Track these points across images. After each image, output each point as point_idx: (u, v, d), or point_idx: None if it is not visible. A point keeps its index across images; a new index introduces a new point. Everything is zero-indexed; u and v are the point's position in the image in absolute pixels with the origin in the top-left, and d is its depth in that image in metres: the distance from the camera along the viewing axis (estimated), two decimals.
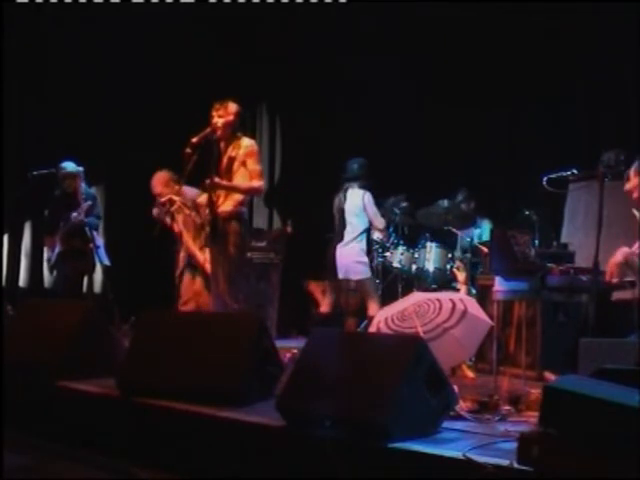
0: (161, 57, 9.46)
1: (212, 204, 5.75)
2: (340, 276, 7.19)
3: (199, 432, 4.21)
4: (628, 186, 4.97)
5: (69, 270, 7.64)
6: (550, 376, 5.22)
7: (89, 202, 7.44)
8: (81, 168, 7.56)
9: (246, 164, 5.79)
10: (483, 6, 7.82)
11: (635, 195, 4.92)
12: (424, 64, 8.50)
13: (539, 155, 7.73)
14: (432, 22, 8.28)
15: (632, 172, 4.95)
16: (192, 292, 6.68)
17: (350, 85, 8.98)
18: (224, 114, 5.82)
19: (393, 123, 8.59)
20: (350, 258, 7.14)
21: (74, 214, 7.38)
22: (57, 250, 7.59)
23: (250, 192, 6.03)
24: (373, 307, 7.05)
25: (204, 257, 6.41)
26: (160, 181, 6.89)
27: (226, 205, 5.77)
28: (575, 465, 2.82)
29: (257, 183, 5.84)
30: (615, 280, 4.88)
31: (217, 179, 5.73)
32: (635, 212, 5.04)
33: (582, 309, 5.43)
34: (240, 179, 5.79)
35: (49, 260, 7.81)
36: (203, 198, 5.95)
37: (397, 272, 7.24)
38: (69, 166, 7.58)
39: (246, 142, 5.87)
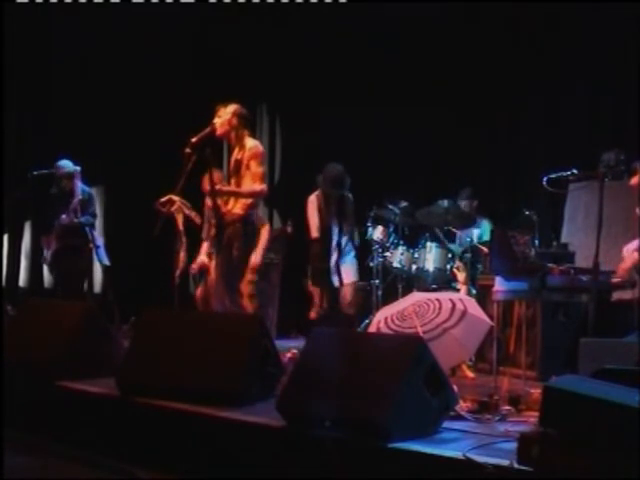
0: (161, 57, 9.45)
1: (217, 208, 5.75)
2: (334, 280, 7.17)
3: (199, 432, 4.21)
4: (634, 180, 4.95)
5: (64, 268, 7.63)
6: None
7: (79, 197, 7.40)
8: (78, 167, 7.54)
9: (250, 167, 5.78)
10: (483, 5, 7.83)
11: None
12: (424, 63, 8.50)
13: (539, 155, 7.73)
14: (431, 21, 8.28)
15: (639, 165, 4.94)
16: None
17: (350, 85, 8.98)
18: (222, 114, 5.83)
19: (393, 123, 8.58)
20: (341, 262, 7.14)
21: (63, 216, 7.37)
22: (53, 248, 7.59)
23: (252, 196, 5.94)
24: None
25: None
26: (219, 180, 6.77)
27: (236, 208, 5.76)
28: (575, 465, 2.82)
29: (259, 187, 5.79)
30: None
31: (218, 186, 5.75)
32: (638, 210, 5.03)
33: (582, 309, 5.42)
34: (248, 182, 5.78)
35: (45, 259, 7.80)
36: (209, 200, 5.94)
37: (397, 272, 7.23)
38: (66, 165, 7.56)
39: (250, 144, 5.83)
